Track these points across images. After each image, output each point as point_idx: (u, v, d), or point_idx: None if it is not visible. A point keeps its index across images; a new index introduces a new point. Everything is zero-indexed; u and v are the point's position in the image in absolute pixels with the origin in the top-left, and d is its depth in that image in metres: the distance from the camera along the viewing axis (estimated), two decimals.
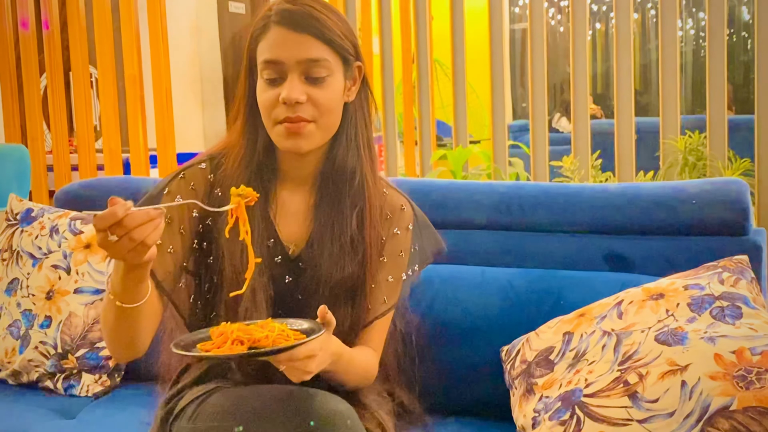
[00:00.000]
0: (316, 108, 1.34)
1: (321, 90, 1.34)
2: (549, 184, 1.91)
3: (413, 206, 1.50)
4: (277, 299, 1.40)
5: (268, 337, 1.16)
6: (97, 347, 1.92)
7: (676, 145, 3.96)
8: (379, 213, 1.43)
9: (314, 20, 1.33)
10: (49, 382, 1.93)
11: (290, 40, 1.33)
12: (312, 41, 1.33)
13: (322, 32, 1.33)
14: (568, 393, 1.38)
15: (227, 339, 1.17)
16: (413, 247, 1.47)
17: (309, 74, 1.33)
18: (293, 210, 1.43)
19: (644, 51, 8.55)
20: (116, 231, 1.08)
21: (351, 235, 1.39)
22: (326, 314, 1.25)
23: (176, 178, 1.42)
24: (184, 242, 1.38)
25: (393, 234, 1.45)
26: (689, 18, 8.49)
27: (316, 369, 1.23)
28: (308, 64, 1.33)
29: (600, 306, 1.52)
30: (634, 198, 1.77)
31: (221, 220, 1.37)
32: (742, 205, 1.68)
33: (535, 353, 1.52)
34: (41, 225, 2.05)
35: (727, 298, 1.40)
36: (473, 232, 1.85)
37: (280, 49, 1.33)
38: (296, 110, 1.32)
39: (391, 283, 1.45)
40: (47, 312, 1.95)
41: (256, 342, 1.16)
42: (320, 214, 1.41)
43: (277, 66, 1.33)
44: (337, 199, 1.40)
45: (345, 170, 1.40)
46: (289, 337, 1.18)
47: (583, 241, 1.77)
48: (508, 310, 1.67)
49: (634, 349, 1.36)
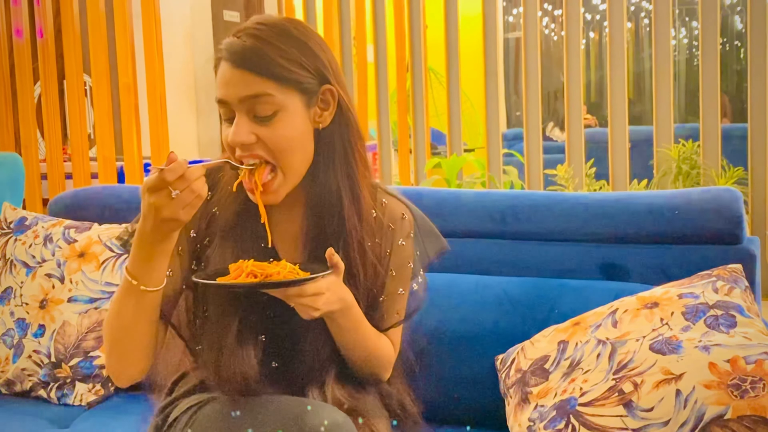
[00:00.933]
0: (269, 150, 1.27)
1: (270, 129, 1.27)
2: (544, 193, 1.91)
3: (413, 211, 1.48)
4: (275, 317, 1.39)
5: (280, 273, 1.23)
6: (90, 356, 1.91)
7: (670, 154, 3.98)
8: (366, 234, 1.39)
9: (255, 55, 1.26)
10: (43, 391, 1.92)
11: (233, 78, 1.27)
12: (251, 77, 1.26)
13: (265, 67, 1.25)
14: (563, 402, 1.38)
15: (242, 272, 1.23)
16: (416, 253, 1.47)
17: (255, 113, 1.27)
18: (289, 234, 1.41)
19: (638, 60, 8.59)
20: (179, 185, 1.14)
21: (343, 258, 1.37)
22: (333, 257, 1.27)
23: None
24: (183, 264, 1.38)
25: (399, 246, 1.43)
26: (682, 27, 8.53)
27: (324, 307, 1.26)
28: (251, 101, 1.26)
29: (595, 315, 1.52)
30: (629, 207, 1.77)
31: (217, 238, 1.37)
32: (736, 214, 1.69)
33: (530, 362, 1.52)
34: (35, 234, 2.05)
35: (721, 307, 1.40)
36: (468, 240, 1.85)
37: (225, 87, 1.28)
38: (250, 150, 1.28)
39: (402, 296, 1.44)
40: (41, 321, 1.94)
41: (268, 277, 1.23)
42: (310, 240, 1.39)
43: (225, 105, 1.29)
44: (324, 228, 1.38)
45: (326, 198, 1.36)
46: (299, 274, 1.25)
47: (577, 250, 1.78)
48: (502, 318, 1.67)
49: (629, 358, 1.36)
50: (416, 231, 1.47)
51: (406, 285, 1.45)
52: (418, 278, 1.47)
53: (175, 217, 1.17)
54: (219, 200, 1.38)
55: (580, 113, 4.07)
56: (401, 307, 1.45)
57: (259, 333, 1.36)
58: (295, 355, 1.38)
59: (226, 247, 1.35)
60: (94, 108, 3.92)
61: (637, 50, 8.68)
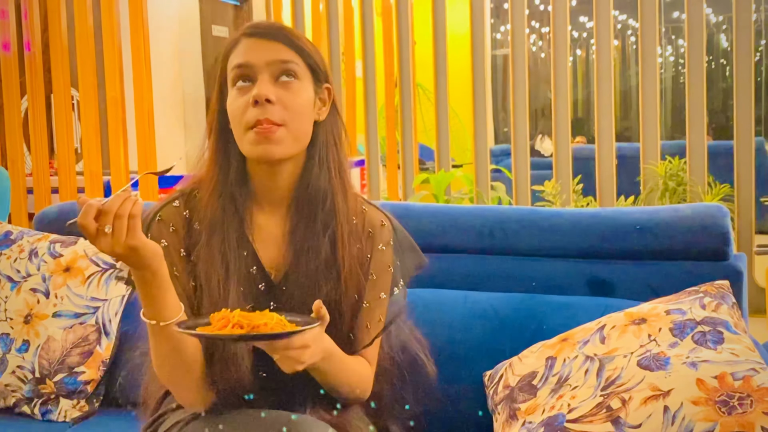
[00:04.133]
0: (286, 110, 1.34)
1: (290, 93, 1.35)
2: (532, 209, 1.91)
3: (392, 222, 1.50)
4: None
5: (267, 324, 1.20)
6: (75, 372, 1.89)
7: (657, 171, 4.00)
8: (350, 233, 1.42)
9: (285, 31, 1.39)
10: (26, 407, 1.90)
11: (260, 46, 1.36)
12: (281, 47, 1.36)
13: (292, 41, 1.37)
14: (551, 418, 1.37)
15: (228, 323, 1.20)
16: (396, 262, 1.47)
17: (278, 76, 1.36)
18: (271, 234, 1.42)
19: (624, 77, 8.64)
20: (104, 220, 1.14)
21: (325, 257, 1.39)
22: (321, 309, 1.26)
23: (153, 221, 1.41)
24: (183, 284, 1.38)
25: (378, 250, 1.45)
26: (669, 45, 8.60)
27: (309, 360, 1.24)
28: (277, 65, 1.35)
29: (583, 330, 1.52)
30: (616, 223, 1.78)
31: (203, 253, 1.38)
32: (723, 231, 1.70)
33: (518, 378, 1.52)
34: (20, 248, 2.03)
35: (708, 323, 1.40)
36: (456, 256, 1.85)
37: (250, 53, 1.36)
38: (266, 111, 1.33)
39: (383, 300, 1.44)
40: (25, 336, 1.92)
41: (255, 328, 1.20)
42: (296, 239, 1.40)
43: (247, 68, 1.35)
44: (311, 222, 1.40)
45: (318, 192, 1.40)
46: (286, 326, 1.22)
47: (565, 266, 1.78)
48: (490, 334, 1.67)
49: (617, 374, 1.36)
50: (396, 243, 1.48)
51: (387, 289, 1.45)
52: (399, 286, 1.47)
53: (128, 245, 1.16)
54: (198, 212, 1.41)
55: (567, 130, 4.09)
56: (383, 312, 1.44)
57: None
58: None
59: (212, 254, 1.37)
60: (81, 122, 3.90)
61: (624, 68, 8.75)
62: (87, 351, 1.90)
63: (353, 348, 1.42)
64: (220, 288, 1.35)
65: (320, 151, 1.40)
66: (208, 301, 1.35)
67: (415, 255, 1.52)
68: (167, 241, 1.39)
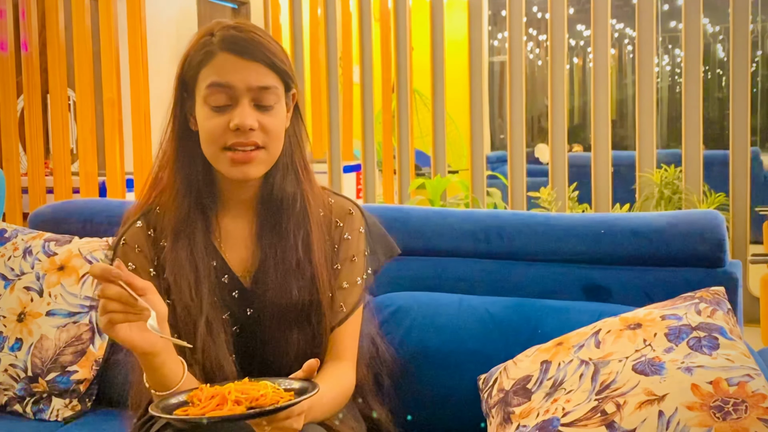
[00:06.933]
0: (266, 134, 1.34)
1: (270, 117, 1.34)
2: (528, 213, 1.91)
3: (362, 210, 1.50)
4: (241, 332, 1.40)
5: (266, 396, 1.14)
6: (68, 371, 1.88)
7: (652, 179, 4.01)
8: (320, 230, 1.42)
9: (262, 47, 1.33)
10: (19, 406, 1.89)
11: (240, 66, 1.32)
12: (262, 69, 1.33)
13: (271, 60, 1.33)
14: (545, 422, 1.37)
15: (226, 400, 1.13)
16: (367, 250, 1.47)
17: (259, 102, 1.33)
18: (238, 237, 1.43)
19: (621, 86, 8.67)
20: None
21: (298, 259, 1.39)
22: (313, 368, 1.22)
23: (119, 246, 1.41)
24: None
25: (344, 239, 1.45)
26: (665, 54, 8.63)
27: (302, 424, 1.21)
28: (259, 91, 1.33)
29: (578, 335, 1.52)
30: (612, 229, 1.78)
31: (170, 258, 1.38)
32: (719, 237, 1.70)
33: (512, 382, 1.51)
34: (14, 246, 2.03)
35: (704, 329, 1.40)
36: (452, 259, 1.85)
37: (231, 75, 1.32)
38: (247, 136, 1.32)
39: (346, 290, 1.44)
40: (18, 334, 1.91)
41: (254, 401, 1.13)
42: (264, 241, 1.40)
43: (227, 91, 1.32)
44: (279, 225, 1.40)
45: (285, 195, 1.40)
46: (281, 394, 1.16)
47: (561, 271, 1.78)
48: (485, 338, 1.66)
49: (612, 379, 1.36)
50: (367, 233, 1.49)
51: (351, 279, 1.45)
52: (364, 275, 1.47)
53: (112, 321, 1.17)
54: (163, 228, 1.41)
55: (564, 137, 4.10)
56: (345, 301, 1.44)
57: (231, 326, 1.39)
58: (265, 358, 1.40)
59: (179, 260, 1.37)
60: (77, 123, 3.89)
61: (621, 76, 8.77)
62: (80, 350, 1.89)
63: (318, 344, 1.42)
64: (192, 293, 1.35)
65: (286, 155, 1.41)
66: (182, 307, 1.35)
67: (387, 245, 1.53)
68: (134, 263, 1.39)
